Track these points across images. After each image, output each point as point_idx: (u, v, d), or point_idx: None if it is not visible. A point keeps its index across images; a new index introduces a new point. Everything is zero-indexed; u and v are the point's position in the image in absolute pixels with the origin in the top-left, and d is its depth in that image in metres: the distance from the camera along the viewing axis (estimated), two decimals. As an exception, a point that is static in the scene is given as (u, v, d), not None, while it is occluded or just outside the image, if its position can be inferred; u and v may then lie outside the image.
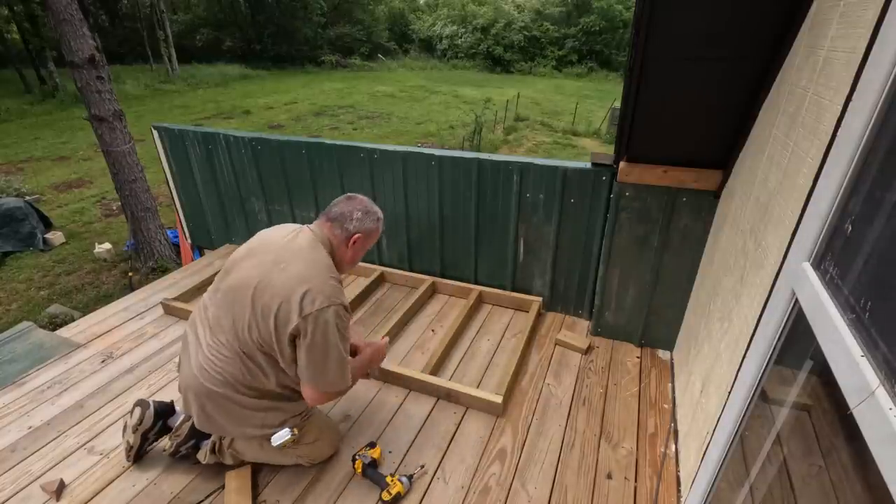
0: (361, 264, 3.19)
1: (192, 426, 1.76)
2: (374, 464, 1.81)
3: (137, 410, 1.81)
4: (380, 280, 3.17)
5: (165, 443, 1.83)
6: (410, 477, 1.77)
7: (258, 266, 1.55)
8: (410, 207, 2.93)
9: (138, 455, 1.86)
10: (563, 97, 20.19)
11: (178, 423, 1.84)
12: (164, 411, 1.86)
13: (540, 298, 2.80)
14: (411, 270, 3.14)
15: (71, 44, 4.58)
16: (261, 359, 1.55)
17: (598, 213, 2.43)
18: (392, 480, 1.73)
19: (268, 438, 1.65)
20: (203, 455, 1.81)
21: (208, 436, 1.80)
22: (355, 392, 2.22)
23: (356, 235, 1.61)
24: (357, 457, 1.82)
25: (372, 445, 1.87)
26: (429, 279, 3.03)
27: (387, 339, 2.04)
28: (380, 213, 1.71)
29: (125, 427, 1.84)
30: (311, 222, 3.24)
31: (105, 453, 1.95)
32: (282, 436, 1.64)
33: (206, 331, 1.63)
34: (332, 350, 1.50)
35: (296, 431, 1.66)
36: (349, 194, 1.71)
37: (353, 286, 3.10)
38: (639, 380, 2.32)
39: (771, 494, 1.14)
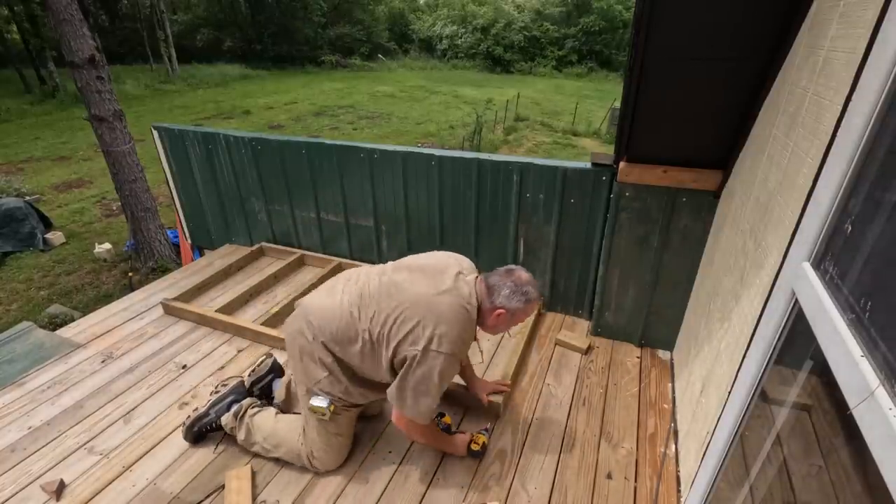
0: (362, 264, 3.18)
1: (238, 384, 2.04)
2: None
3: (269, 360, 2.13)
4: (380, 280, 3.17)
5: (210, 391, 2.00)
6: (489, 431, 1.95)
7: (426, 284, 1.64)
8: (410, 207, 2.93)
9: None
10: (563, 97, 20.20)
11: (226, 378, 2.06)
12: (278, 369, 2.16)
13: (540, 298, 2.80)
14: (411, 270, 3.14)
15: (71, 44, 4.59)
16: (369, 342, 1.64)
17: (598, 213, 2.43)
18: (475, 435, 1.89)
19: (307, 395, 1.74)
20: (227, 417, 1.93)
21: (241, 400, 1.99)
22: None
23: (499, 310, 1.63)
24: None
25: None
26: (429, 279, 3.02)
27: (466, 437, 1.93)
28: (533, 294, 1.66)
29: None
30: (310, 222, 3.33)
31: (105, 453, 1.95)
32: (320, 401, 1.71)
33: (356, 293, 1.71)
34: (432, 388, 1.58)
35: (332, 408, 1.71)
36: (511, 267, 1.70)
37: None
38: (639, 380, 2.32)
39: (771, 494, 1.14)
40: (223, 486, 1.78)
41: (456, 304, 1.59)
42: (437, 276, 1.67)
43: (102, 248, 6.25)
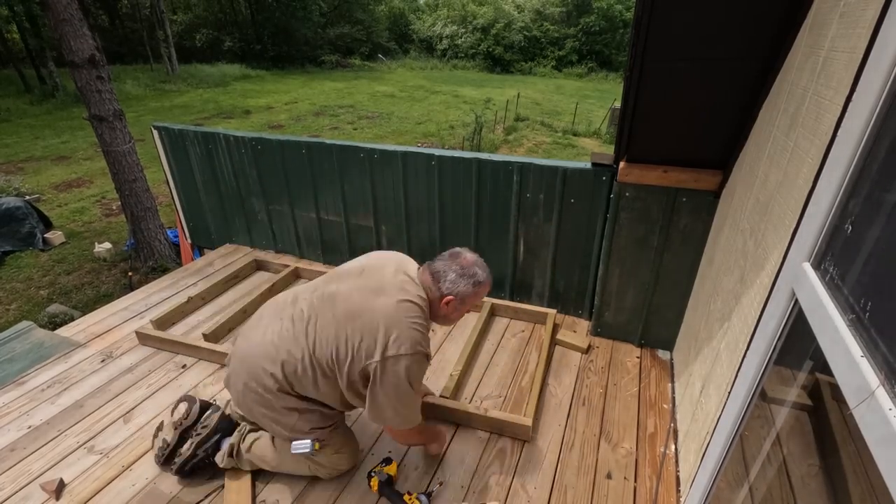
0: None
1: (220, 418, 1.81)
2: (390, 481, 1.72)
3: (183, 406, 1.83)
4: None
5: (184, 448, 1.77)
6: (429, 495, 1.69)
7: (361, 290, 1.55)
8: (410, 207, 2.93)
9: (171, 456, 1.80)
10: (563, 97, 20.21)
11: (204, 417, 1.83)
12: (207, 408, 1.89)
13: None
14: (411, 270, 3.14)
15: (71, 44, 4.58)
16: (318, 370, 1.53)
17: (598, 213, 2.43)
18: (410, 499, 1.65)
19: (290, 441, 1.63)
20: (221, 458, 1.78)
21: (231, 433, 1.82)
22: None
23: (448, 297, 1.55)
24: (373, 473, 1.73)
25: (388, 462, 1.77)
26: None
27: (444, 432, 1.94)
28: (482, 276, 1.59)
29: (161, 427, 1.86)
30: (310, 222, 3.32)
31: (105, 453, 1.95)
32: (302, 446, 1.60)
33: (288, 320, 1.58)
34: (406, 394, 1.50)
35: (317, 446, 1.63)
36: (455, 250, 1.63)
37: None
38: (639, 380, 2.32)
39: (771, 494, 1.14)
40: (223, 486, 1.78)
41: (403, 302, 1.49)
42: (374, 279, 1.56)
43: (102, 247, 6.25)
